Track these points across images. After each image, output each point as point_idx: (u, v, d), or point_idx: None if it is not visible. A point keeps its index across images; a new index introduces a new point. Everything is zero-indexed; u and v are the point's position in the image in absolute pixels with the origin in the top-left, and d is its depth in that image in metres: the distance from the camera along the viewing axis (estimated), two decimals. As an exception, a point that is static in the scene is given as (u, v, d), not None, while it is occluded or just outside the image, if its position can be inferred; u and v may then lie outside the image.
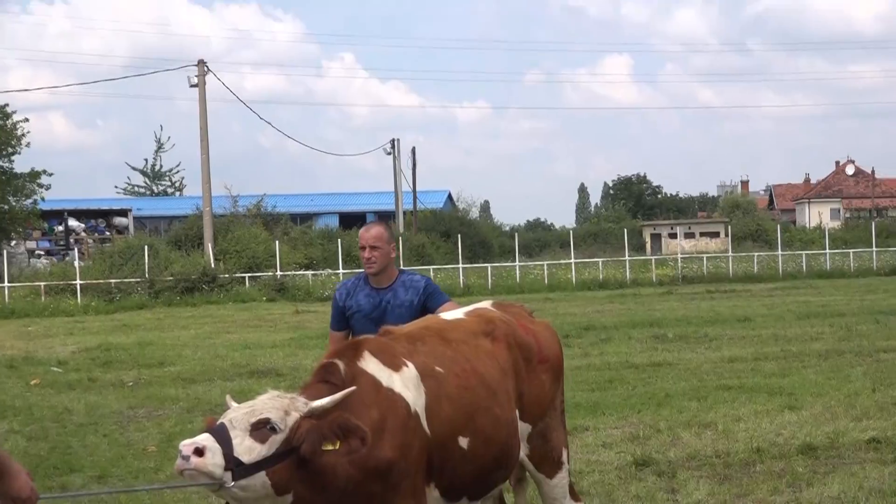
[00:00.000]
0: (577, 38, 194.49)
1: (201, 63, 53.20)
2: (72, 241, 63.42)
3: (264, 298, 45.38)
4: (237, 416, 5.57)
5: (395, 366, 6.19)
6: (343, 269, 51.34)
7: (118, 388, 19.32)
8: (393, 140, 72.92)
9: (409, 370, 6.24)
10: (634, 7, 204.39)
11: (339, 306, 8.16)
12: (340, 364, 6.04)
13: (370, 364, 6.12)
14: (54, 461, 12.81)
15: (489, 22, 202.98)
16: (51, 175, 56.61)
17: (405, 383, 6.15)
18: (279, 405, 5.63)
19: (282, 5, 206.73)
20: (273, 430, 5.52)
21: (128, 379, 20.36)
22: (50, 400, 17.90)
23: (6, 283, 46.94)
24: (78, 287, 45.93)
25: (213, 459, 5.33)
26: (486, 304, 7.50)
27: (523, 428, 6.97)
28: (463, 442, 6.37)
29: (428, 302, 8.03)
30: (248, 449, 5.45)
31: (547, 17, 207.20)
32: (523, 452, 7.03)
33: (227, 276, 48.32)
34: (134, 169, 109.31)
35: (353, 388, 5.86)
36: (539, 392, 7.09)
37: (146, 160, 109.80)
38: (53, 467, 12.46)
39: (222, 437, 5.44)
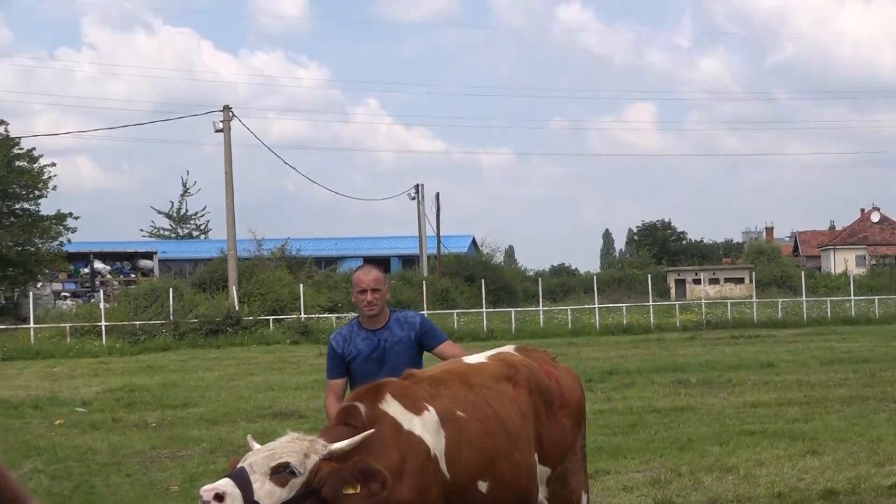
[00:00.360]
0: (602, 85, 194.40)
1: (227, 108, 53.50)
2: (97, 283, 63.74)
3: (288, 341, 45.50)
4: (257, 459, 5.64)
5: (417, 409, 6.25)
6: (367, 312, 51.36)
7: (141, 428, 19.42)
8: (417, 185, 73.03)
9: (430, 414, 6.29)
10: (659, 55, 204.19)
11: (337, 354, 8.15)
12: (361, 407, 6.11)
13: (391, 407, 6.19)
14: (77, 501, 12.90)
15: (514, 69, 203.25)
16: (77, 218, 57.09)
17: (426, 427, 6.21)
18: (299, 448, 5.69)
19: (307, 52, 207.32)
20: (293, 473, 5.59)
21: (151, 419, 20.45)
22: (74, 440, 18.00)
23: (32, 325, 47.12)
24: (103, 328, 46.07)
25: None
26: (508, 348, 7.54)
27: (542, 471, 7.00)
28: (482, 486, 6.42)
29: (424, 340, 8.11)
30: (268, 493, 5.51)
31: (572, 65, 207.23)
32: (542, 496, 7.04)
33: (251, 318, 48.39)
34: (159, 213, 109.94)
35: (371, 430, 5.94)
36: (559, 436, 7.13)
37: (172, 203, 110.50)
38: (76, 506, 12.55)
39: (242, 481, 5.50)
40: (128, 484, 14.07)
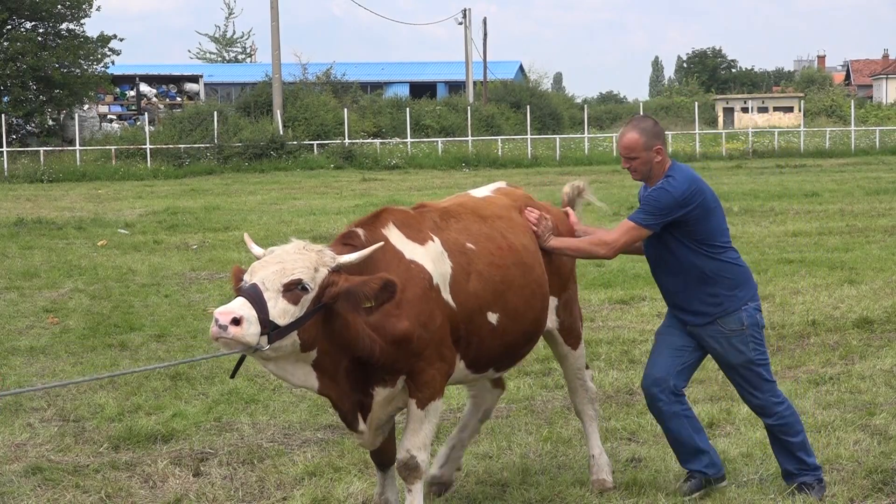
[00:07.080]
0: None
1: (271, -72, 52.71)
2: (143, 105, 63.66)
3: (332, 166, 45.48)
4: (268, 275, 5.61)
5: (420, 239, 6.25)
6: (411, 138, 51.30)
7: (182, 250, 19.59)
8: (464, 10, 72.12)
9: (434, 244, 6.28)
10: None
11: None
12: (361, 232, 6.10)
13: (393, 234, 6.18)
14: (116, 320, 13.06)
15: None
16: (121, 40, 56.74)
17: (428, 256, 6.20)
18: (308, 262, 5.68)
19: None
20: (304, 289, 5.61)
21: (192, 242, 20.62)
22: (115, 261, 18.21)
23: (78, 147, 47.37)
24: (148, 151, 46.28)
25: (251, 330, 5.42)
26: (500, 183, 7.48)
27: (550, 301, 7.06)
28: (492, 317, 6.45)
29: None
30: (282, 312, 5.54)
31: None
32: (553, 326, 7.12)
33: (295, 143, 48.45)
34: (204, 35, 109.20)
35: (380, 243, 5.95)
36: (560, 264, 7.16)
37: (217, 26, 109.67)
38: (114, 325, 12.73)
39: (257, 301, 5.50)
40: (166, 304, 14.24)
